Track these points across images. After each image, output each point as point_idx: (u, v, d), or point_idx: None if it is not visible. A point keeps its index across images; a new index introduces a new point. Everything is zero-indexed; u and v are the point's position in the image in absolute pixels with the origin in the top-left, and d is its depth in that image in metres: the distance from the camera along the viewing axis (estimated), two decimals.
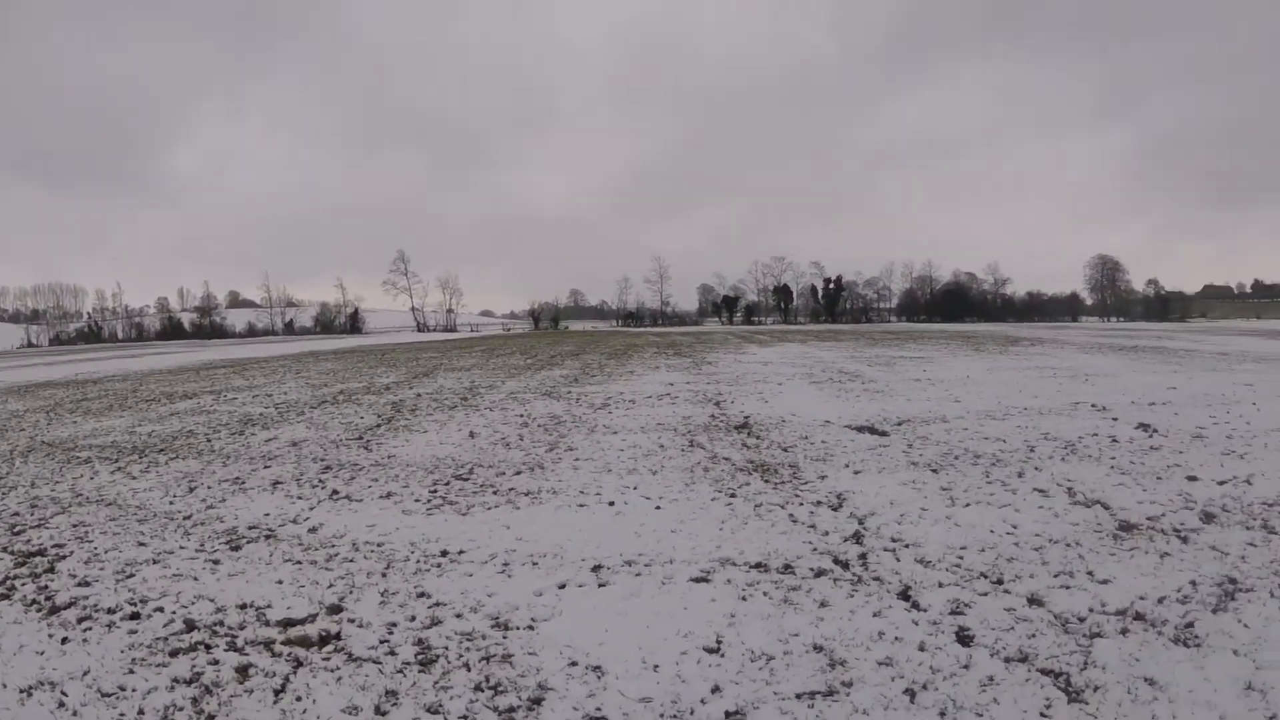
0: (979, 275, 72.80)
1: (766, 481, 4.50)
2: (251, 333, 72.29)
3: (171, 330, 74.91)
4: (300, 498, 4.46)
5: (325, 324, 75.12)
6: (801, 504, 3.98)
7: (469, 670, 2.21)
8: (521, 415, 7.66)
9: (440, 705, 2.00)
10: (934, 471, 4.49)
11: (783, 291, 76.26)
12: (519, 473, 4.93)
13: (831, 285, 74.49)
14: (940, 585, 2.67)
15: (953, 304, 65.20)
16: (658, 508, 3.97)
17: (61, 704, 2.04)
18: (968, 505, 3.69)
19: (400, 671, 2.22)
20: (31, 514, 4.29)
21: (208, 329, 72.63)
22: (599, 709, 1.95)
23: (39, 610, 2.81)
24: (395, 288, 75.61)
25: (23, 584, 3.10)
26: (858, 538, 3.30)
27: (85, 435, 7.49)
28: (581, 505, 4.04)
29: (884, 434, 5.67)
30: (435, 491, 4.48)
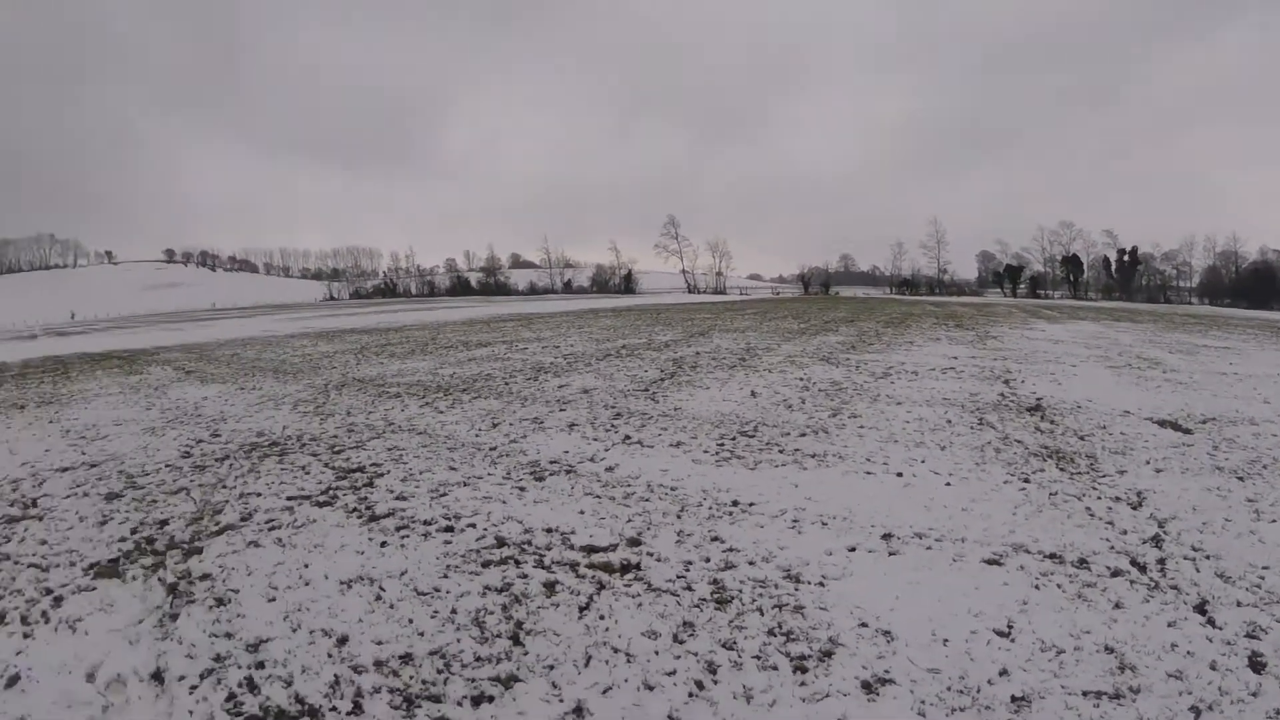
0: None
1: (1062, 470, 7.38)
2: (533, 291, 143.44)
3: (460, 287, 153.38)
4: (595, 439, 8.68)
5: (601, 284, 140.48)
6: (1099, 498, 6.46)
7: (762, 615, 4.37)
8: (801, 379, 13.55)
9: (734, 643, 4.07)
10: (1240, 479, 7.05)
11: (1072, 262, 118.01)
12: (804, 435, 8.83)
13: (1126, 258, 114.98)
14: (1238, 604, 4.43)
15: (1261, 287, 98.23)
16: (947, 484, 6.89)
17: (379, 597, 4.74)
18: (1274, 521, 5.86)
19: (696, 606, 4.43)
20: (349, 437, 9.50)
21: (492, 286, 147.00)
22: (887, 671, 3.78)
23: (359, 517, 6.23)
24: (666, 250, 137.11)
25: (344, 494, 6.96)
26: (1157, 541, 5.43)
27: (392, 374, 15.90)
28: (868, 473, 7.24)
29: (1187, 431, 9.25)
30: (723, 445, 8.27)
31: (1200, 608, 4.32)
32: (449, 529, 5.79)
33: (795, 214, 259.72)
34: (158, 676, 4.01)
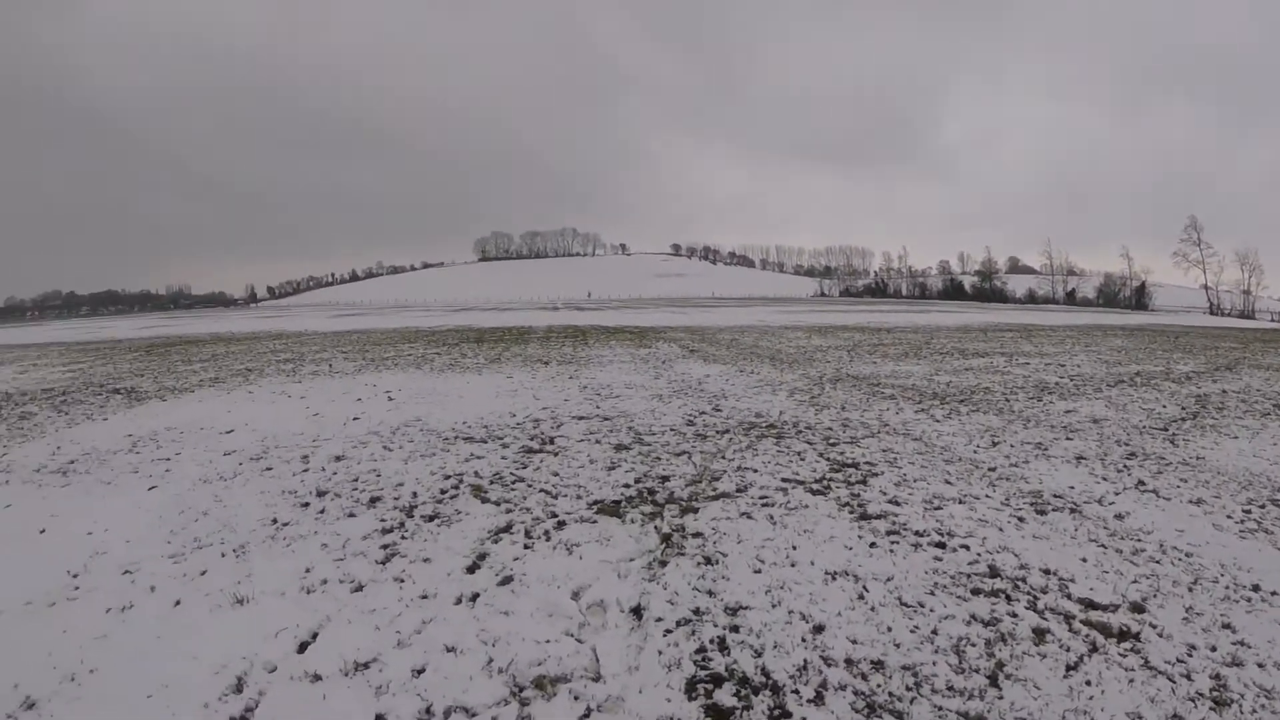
0: None
1: None
2: (1031, 299, 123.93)
3: (952, 291, 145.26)
4: (1104, 479, 7.91)
5: (1109, 297, 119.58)
6: None
7: None
8: None
9: None
10: None
11: None
12: None
13: None
14: None
15: None
16: None
17: (861, 596, 4.79)
18: None
19: (1191, 700, 3.85)
20: (844, 431, 9.86)
21: (988, 292, 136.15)
22: None
23: (851, 513, 6.46)
24: (1186, 260, 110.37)
25: (837, 487, 7.23)
26: None
27: (886, 375, 16.19)
28: None
29: None
30: (1249, 512, 6.94)
31: None
32: (940, 545, 5.66)
33: None
34: (637, 612, 4.40)
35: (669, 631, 4.14)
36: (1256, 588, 5.17)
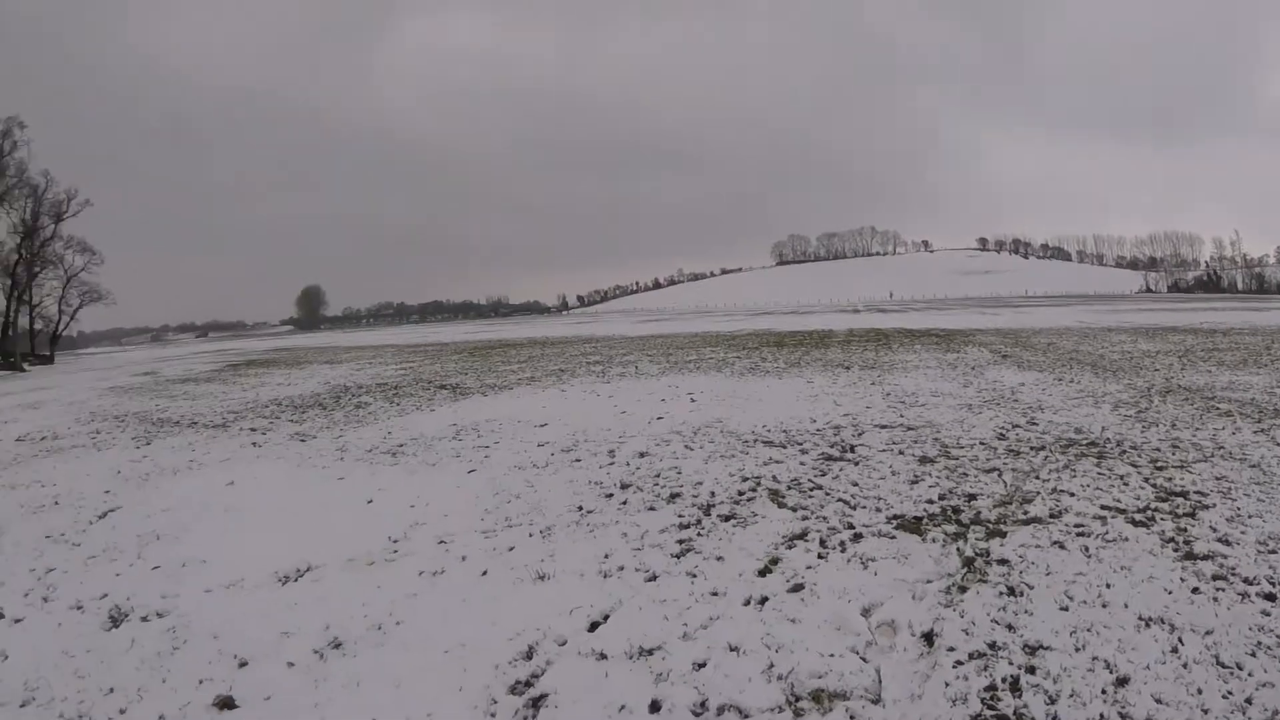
0: None
1: None
2: None
3: None
4: None
5: None
6: None
7: None
8: None
9: None
10: None
11: None
12: None
13: None
14: None
15: None
16: None
17: (1175, 649, 4.12)
18: None
19: None
20: (1173, 454, 8.53)
21: None
22: None
23: (1175, 551, 5.53)
24: None
25: (1162, 519, 6.24)
26: None
27: (1222, 386, 13.84)
28: None
29: None
30: None
31: None
32: (1270, 597, 4.70)
33: None
34: (928, 638, 4.20)
35: (960, 663, 3.91)
36: None
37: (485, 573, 5.66)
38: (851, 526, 5.97)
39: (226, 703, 4.23)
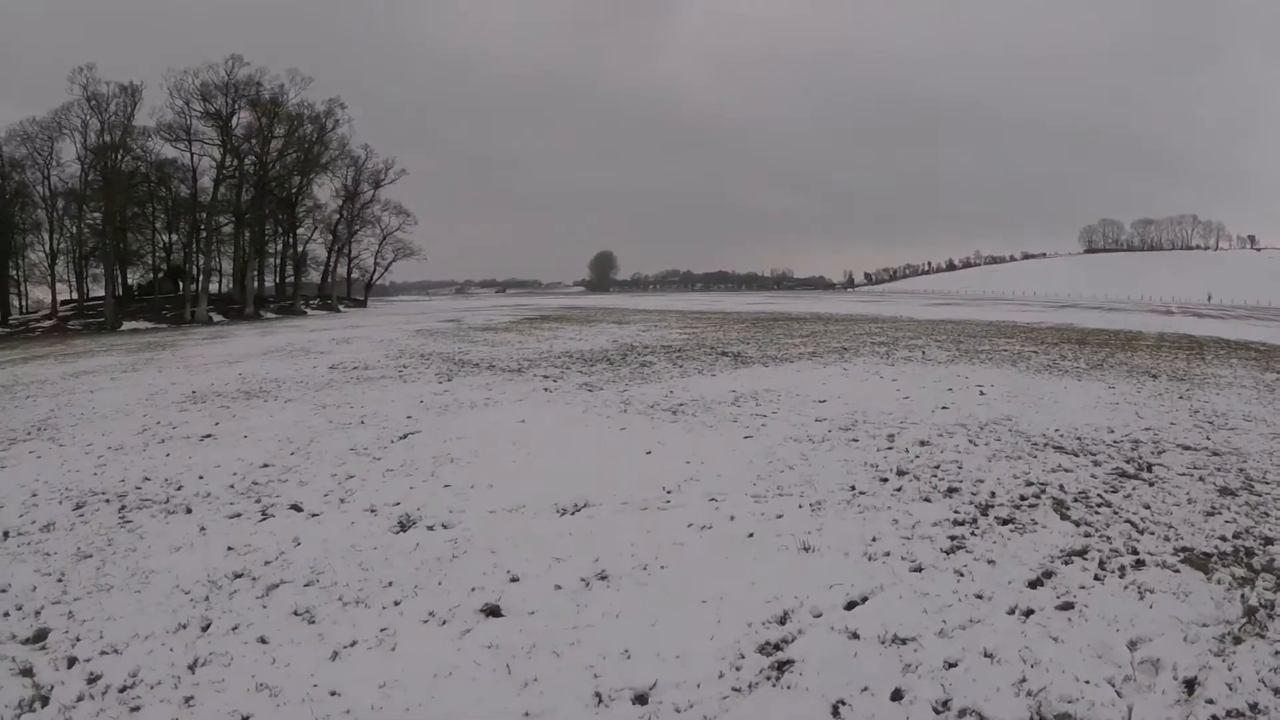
0: None
1: None
2: None
3: None
4: None
5: None
6: None
7: None
8: None
9: None
10: None
11: None
12: None
13: None
14: None
15: None
16: None
17: None
18: None
19: None
20: None
21: None
22: None
23: None
24: None
25: None
26: None
27: None
28: None
29: None
30: None
31: None
32: None
33: None
34: (1190, 685, 3.99)
35: (1216, 718, 3.70)
36: None
37: (751, 535, 5.95)
38: (1135, 551, 5.66)
39: (493, 610, 4.83)
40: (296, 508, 7.05)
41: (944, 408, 11.11)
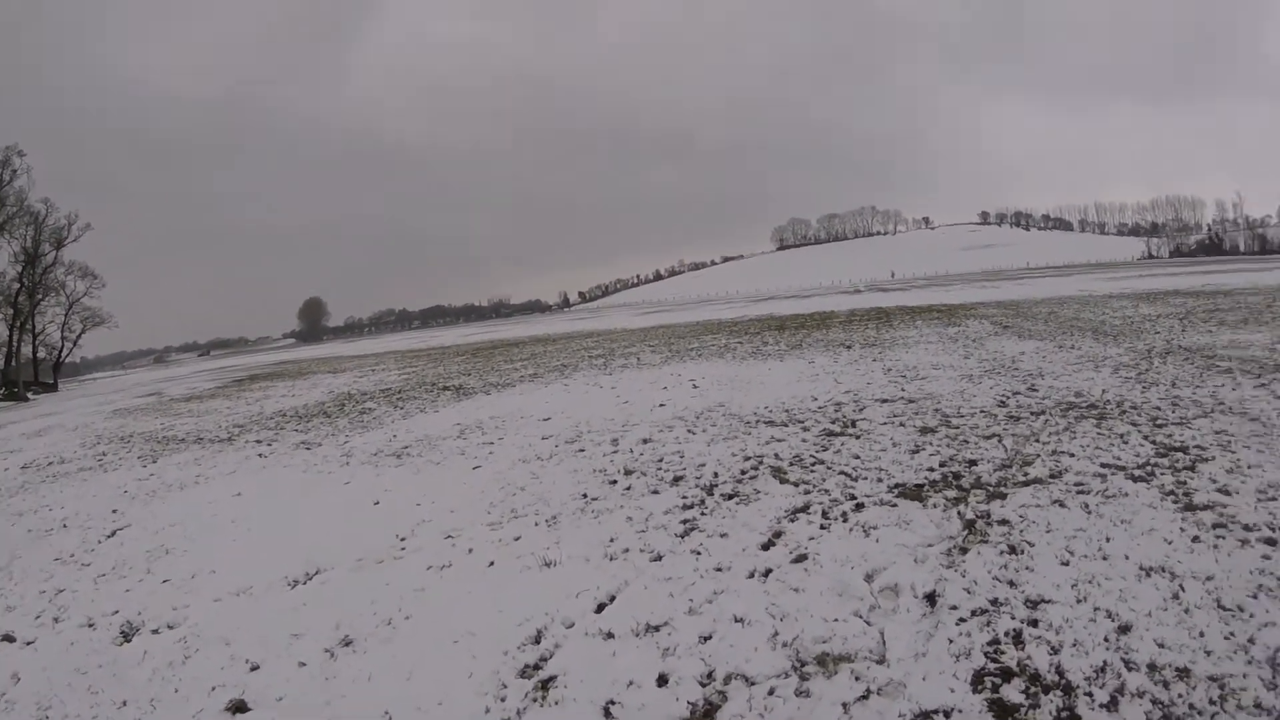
0: None
1: None
2: None
3: None
4: None
5: None
6: None
7: None
8: None
9: None
10: None
11: None
12: None
13: None
14: None
15: None
16: None
17: (1176, 596, 4.24)
18: None
19: None
20: (1173, 411, 8.80)
21: None
22: None
23: (1174, 502, 5.78)
24: None
25: (1162, 473, 6.50)
26: None
27: (1223, 345, 14.20)
28: None
29: None
30: None
31: None
32: (1271, 542, 4.88)
33: None
34: (930, 599, 4.29)
35: (962, 620, 4.00)
36: None
37: (492, 563, 5.75)
38: (853, 497, 6.06)
39: (239, 706, 4.31)
40: (8, 638, 6.05)
41: (661, 405, 11.46)
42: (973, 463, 6.78)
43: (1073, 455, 6.90)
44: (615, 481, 7.44)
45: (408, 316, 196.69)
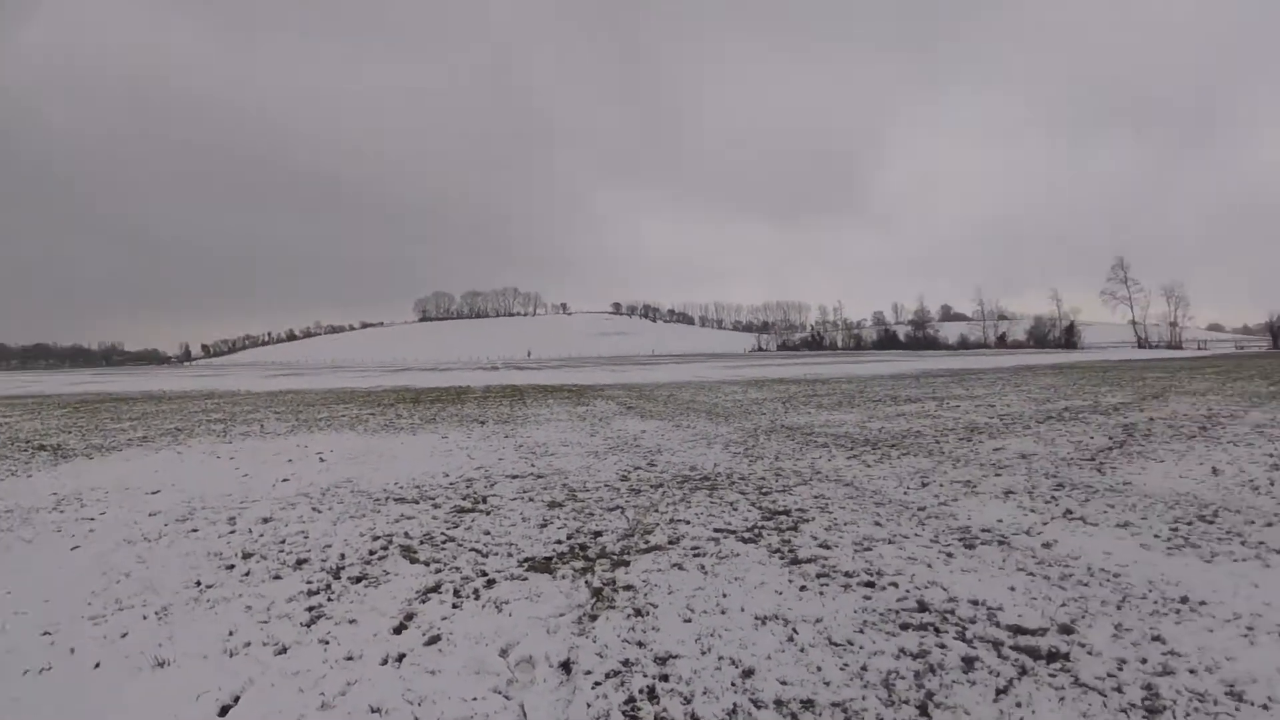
0: None
1: None
2: (963, 345, 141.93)
3: (886, 341, 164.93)
4: (1032, 510, 8.27)
5: (1039, 338, 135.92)
6: None
7: None
8: (1271, 455, 11.84)
9: None
10: None
11: None
12: (1270, 524, 7.72)
13: None
14: None
15: None
16: None
17: (791, 639, 4.78)
18: None
19: (1124, 711, 4.03)
20: (776, 480, 9.87)
21: (920, 340, 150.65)
22: None
23: (781, 559, 6.44)
24: (1114, 298, 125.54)
25: (768, 534, 7.24)
26: None
27: (820, 424, 16.55)
28: None
29: None
30: (1176, 530, 7.45)
31: None
32: (869, 584, 5.72)
33: (1265, 247, 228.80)
34: (566, 666, 4.37)
35: (598, 684, 4.11)
36: (1185, 599, 5.47)
37: (98, 665, 4.98)
38: (485, 574, 6.05)
39: None
40: None
41: (285, 480, 10.78)
42: (598, 534, 7.07)
43: (689, 523, 7.46)
44: (233, 566, 6.80)
45: (7, 354, 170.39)
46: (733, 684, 4.07)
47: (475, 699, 4.09)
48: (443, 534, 7.43)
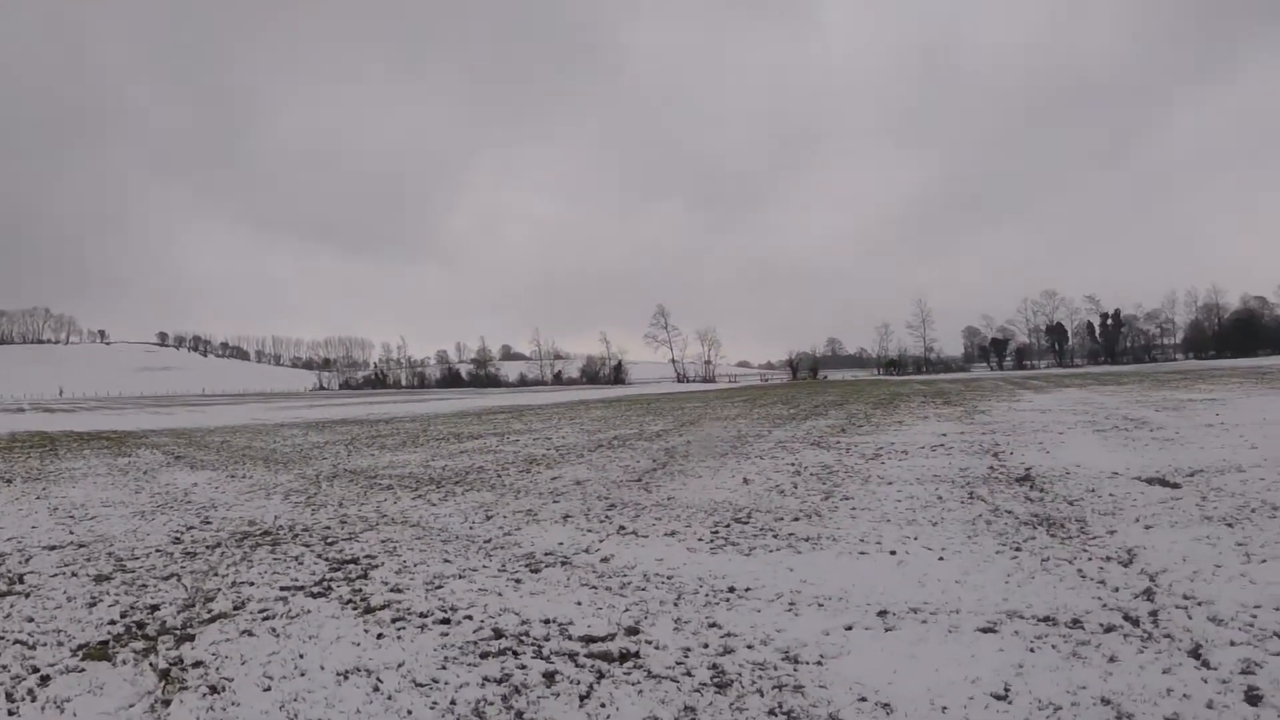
0: (1270, 300, 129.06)
1: (1053, 536, 7.77)
2: (523, 382, 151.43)
3: (450, 379, 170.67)
4: (590, 531, 8.92)
5: (591, 375, 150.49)
6: (1090, 559, 6.87)
7: (762, 695, 4.45)
8: (793, 464, 13.91)
9: None
10: (1229, 526, 7.71)
11: (1056, 331, 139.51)
12: (797, 519, 9.09)
13: (1109, 322, 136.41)
14: (1232, 644, 4.74)
15: (1243, 336, 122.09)
16: (940, 559, 7.17)
17: (376, 688, 4.72)
18: (1264, 562, 6.43)
19: (697, 691, 4.51)
20: (342, 528, 9.62)
21: (483, 378, 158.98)
22: None
23: (355, 609, 6.25)
24: (656, 340, 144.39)
25: (338, 586, 7.00)
26: (1149, 594, 5.78)
27: (384, 466, 16.29)
28: (862, 553, 7.53)
29: (1175, 486, 10.09)
30: (717, 532, 8.47)
31: (1194, 652, 4.62)
32: (445, 620, 5.84)
33: (787, 299, 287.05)
34: None
35: None
36: (732, 589, 6.38)
37: None
38: (37, 669, 5.20)
39: None
40: None
41: None
42: (155, 608, 6.41)
43: (253, 584, 7.06)
44: None
45: None
46: None
47: None
48: None
